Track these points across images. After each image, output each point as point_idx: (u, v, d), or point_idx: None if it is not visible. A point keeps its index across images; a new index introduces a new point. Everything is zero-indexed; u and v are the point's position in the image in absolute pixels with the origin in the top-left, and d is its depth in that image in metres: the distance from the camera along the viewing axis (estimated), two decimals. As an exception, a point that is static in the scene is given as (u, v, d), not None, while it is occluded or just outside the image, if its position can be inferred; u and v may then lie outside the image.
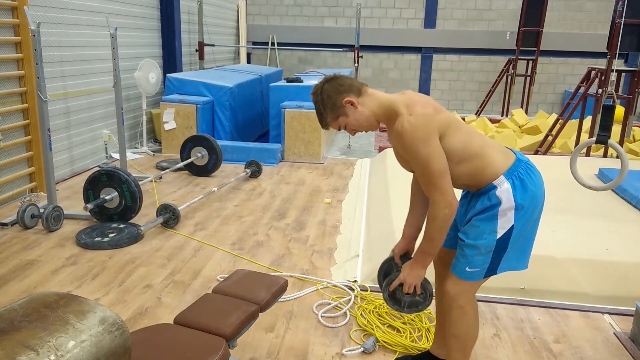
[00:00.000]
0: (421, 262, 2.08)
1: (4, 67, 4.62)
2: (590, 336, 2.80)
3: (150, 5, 7.42)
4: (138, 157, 6.65)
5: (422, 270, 2.09)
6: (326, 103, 2.05)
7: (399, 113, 1.95)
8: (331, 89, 2.05)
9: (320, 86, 2.08)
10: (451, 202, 1.93)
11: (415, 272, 2.09)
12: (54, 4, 5.27)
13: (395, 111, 1.97)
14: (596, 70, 6.53)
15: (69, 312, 1.33)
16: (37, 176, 4.96)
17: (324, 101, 2.06)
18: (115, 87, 5.07)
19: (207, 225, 4.32)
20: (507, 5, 11.49)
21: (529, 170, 2.01)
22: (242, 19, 11.67)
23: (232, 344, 2.05)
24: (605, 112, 3.89)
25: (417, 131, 1.89)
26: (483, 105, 10.99)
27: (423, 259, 2.07)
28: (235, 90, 7.12)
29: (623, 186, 4.42)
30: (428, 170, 1.91)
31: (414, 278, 2.10)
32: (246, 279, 2.44)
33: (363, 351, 2.59)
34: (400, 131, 1.92)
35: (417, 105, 1.94)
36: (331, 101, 2.04)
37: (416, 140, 1.89)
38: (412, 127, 1.90)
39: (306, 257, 3.74)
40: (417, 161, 1.93)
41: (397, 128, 1.94)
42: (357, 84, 2.07)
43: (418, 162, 1.93)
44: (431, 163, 1.90)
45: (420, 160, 1.91)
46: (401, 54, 12.02)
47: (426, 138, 1.89)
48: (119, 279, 3.33)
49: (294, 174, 6.06)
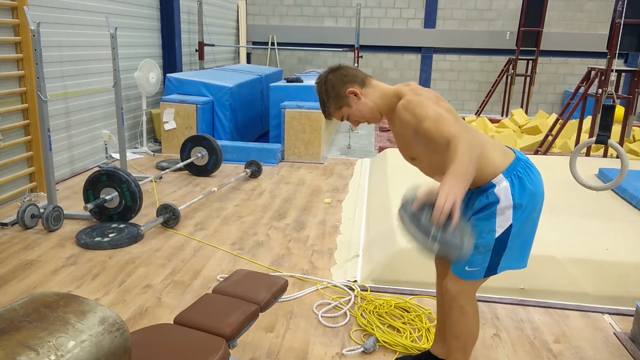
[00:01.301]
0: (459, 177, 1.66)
1: (4, 67, 4.62)
2: (590, 336, 2.80)
3: (150, 5, 7.42)
4: (138, 157, 6.64)
5: (460, 185, 1.64)
6: (330, 93, 2.07)
7: (403, 95, 1.97)
8: (335, 79, 2.06)
9: (325, 76, 2.10)
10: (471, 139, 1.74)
11: (454, 184, 1.64)
12: (54, 4, 5.27)
13: (398, 96, 1.99)
14: (596, 70, 6.53)
15: (69, 312, 1.33)
16: (37, 176, 4.96)
17: (327, 91, 2.07)
18: (115, 87, 5.07)
19: (207, 225, 4.32)
20: (507, 5, 11.49)
21: (528, 169, 2.01)
22: (242, 19, 11.67)
23: (232, 344, 2.05)
24: (605, 112, 3.89)
25: (424, 98, 1.92)
26: (483, 105, 10.99)
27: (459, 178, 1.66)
28: (235, 90, 7.12)
29: (623, 186, 4.42)
30: (440, 122, 1.81)
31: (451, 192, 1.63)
32: (246, 279, 2.44)
33: (363, 351, 2.59)
34: (404, 105, 1.93)
35: (422, 91, 1.98)
36: (335, 91, 2.06)
37: (423, 103, 1.89)
38: (417, 98, 1.92)
39: (306, 257, 3.74)
40: (428, 118, 1.83)
41: (402, 103, 1.94)
42: (361, 74, 2.09)
43: (429, 119, 1.83)
44: (443, 116, 1.83)
45: (431, 115, 1.83)
46: (401, 54, 12.02)
47: (434, 101, 1.91)
48: (119, 279, 3.33)
49: (294, 174, 6.06)
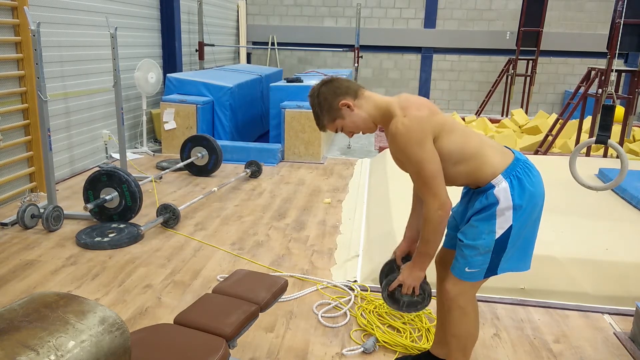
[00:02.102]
0: (419, 264, 2.10)
1: (4, 67, 4.62)
2: (590, 336, 2.80)
3: (150, 5, 7.43)
4: (138, 157, 6.64)
5: (421, 272, 2.12)
6: (323, 105, 2.06)
7: (393, 114, 1.97)
8: (328, 92, 2.05)
9: (317, 89, 2.09)
10: (444, 203, 1.94)
11: (415, 273, 2.12)
12: (54, 4, 5.27)
13: (390, 113, 1.99)
14: (596, 70, 6.53)
15: (69, 312, 1.33)
16: (37, 176, 4.96)
17: (320, 104, 2.07)
18: (115, 87, 5.07)
19: (207, 225, 4.32)
20: (507, 5, 11.49)
21: (528, 170, 2.01)
22: (242, 19, 11.67)
23: (232, 344, 2.05)
24: (605, 112, 3.89)
25: (411, 133, 1.90)
26: (483, 105, 10.99)
27: (421, 261, 2.09)
28: (235, 90, 7.12)
29: (623, 186, 4.42)
30: (421, 172, 1.93)
31: (412, 279, 2.13)
32: (246, 279, 2.44)
33: (363, 351, 2.59)
34: (394, 133, 1.94)
35: (412, 107, 1.95)
36: (328, 103, 2.05)
37: (409, 142, 1.91)
38: (405, 129, 1.91)
39: (306, 257, 3.74)
40: (410, 163, 1.95)
41: (392, 130, 1.96)
42: (354, 86, 2.07)
43: (411, 164, 1.95)
44: (424, 165, 1.91)
45: (413, 161, 1.93)
46: (401, 54, 12.02)
47: (419, 140, 1.91)
48: (119, 279, 3.33)
49: (294, 174, 6.06)
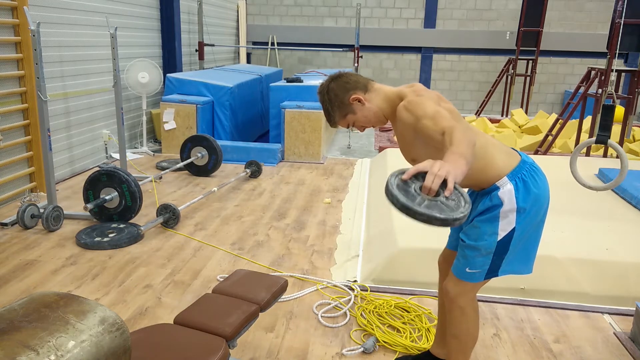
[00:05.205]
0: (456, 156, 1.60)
1: (4, 67, 4.62)
2: (590, 336, 2.80)
3: (150, 5, 7.42)
4: (138, 157, 6.64)
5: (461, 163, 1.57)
6: (334, 102, 2.05)
7: (404, 96, 1.97)
8: (337, 87, 2.04)
9: (327, 85, 2.07)
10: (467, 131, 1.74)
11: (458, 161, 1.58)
12: (54, 4, 5.27)
13: (400, 97, 1.99)
14: (596, 70, 6.53)
15: (69, 312, 1.33)
16: (37, 176, 4.95)
17: (331, 100, 2.05)
18: (115, 87, 5.07)
19: (207, 225, 4.32)
20: (507, 5, 11.49)
21: (533, 172, 1.98)
22: (242, 19, 11.67)
23: (232, 344, 2.05)
24: (605, 112, 3.89)
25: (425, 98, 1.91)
26: (483, 105, 10.99)
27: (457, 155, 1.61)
28: (235, 90, 7.12)
29: (623, 186, 4.42)
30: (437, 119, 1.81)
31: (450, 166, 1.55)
32: (246, 279, 2.44)
33: (363, 351, 2.59)
34: (405, 104, 1.93)
35: (423, 90, 1.98)
36: (338, 99, 2.04)
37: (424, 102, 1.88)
38: (419, 98, 1.92)
39: (306, 257, 3.74)
40: (426, 116, 1.84)
41: (403, 103, 1.94)
42: (363, 80, 2.06)
43: (426, 117, 1.83)
44: (440, 113, 1.83)
45: (429, 114, 1.83)
46: (401, 54, 12.02)
47: (435, 101, 1.90)
48: (119, 279, 3.33)
49: (294, 174, 6.06)
